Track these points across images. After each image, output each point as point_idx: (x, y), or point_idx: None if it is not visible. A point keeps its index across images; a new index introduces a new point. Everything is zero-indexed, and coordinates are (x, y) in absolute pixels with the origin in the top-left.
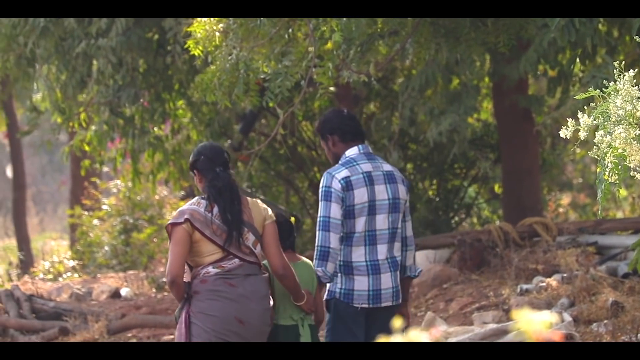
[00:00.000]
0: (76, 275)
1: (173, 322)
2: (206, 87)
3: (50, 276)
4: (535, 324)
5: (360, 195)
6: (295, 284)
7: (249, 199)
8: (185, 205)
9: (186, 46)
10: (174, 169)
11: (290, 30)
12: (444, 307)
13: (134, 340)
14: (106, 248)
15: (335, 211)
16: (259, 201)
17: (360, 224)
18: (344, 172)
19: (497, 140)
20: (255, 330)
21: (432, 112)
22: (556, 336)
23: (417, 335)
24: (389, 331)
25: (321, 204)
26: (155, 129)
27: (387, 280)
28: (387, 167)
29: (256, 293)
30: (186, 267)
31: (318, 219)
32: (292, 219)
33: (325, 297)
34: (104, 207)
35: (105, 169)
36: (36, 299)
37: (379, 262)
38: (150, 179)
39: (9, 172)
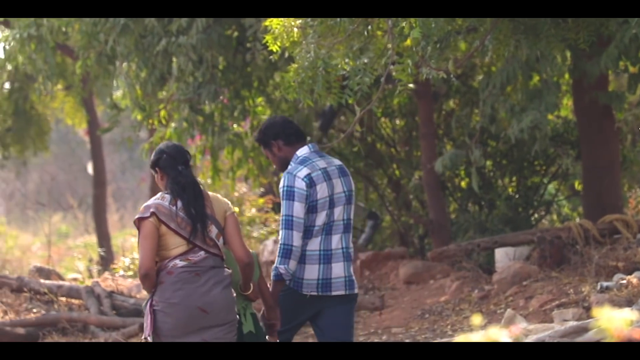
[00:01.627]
0: None
1: None
2: (288, 85)
3: (130, 273)
4: (615, 321)
5: (322, 191)
6: (253, 273)
7: (210, 193)
8: (150, 200)
9: (264, 41)
10: (253, 166)
11: (369, 27)
12: (524, 305)
13: None
14: None
15: (299, 210)
16: (219, 195)
17: (321, 218)
18: (304, 171)
19: (577, 137)
20: (220, 319)
21: (512, 109)
22: (637, 334)
23: (497, 332)
24: (340, 319)
25: (284, 203)
26: (235, 126)
27: (338, 270)
28: (337, 162)
29: (220, 284)
30: None
31: (281, 218)
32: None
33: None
34: None
35: None
36: (116, 295)
37: (332, 251)
38: (229, 176)
39: (89, 169)
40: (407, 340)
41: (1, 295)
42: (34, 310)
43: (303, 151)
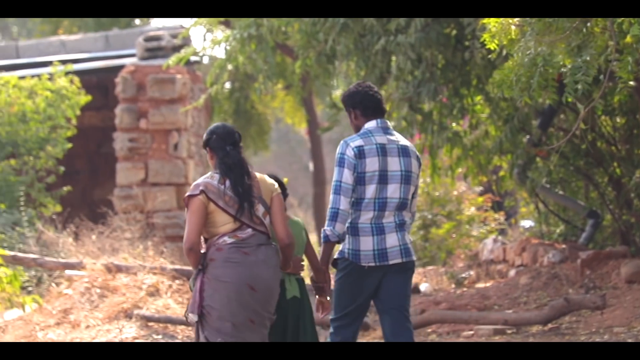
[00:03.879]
0: None
1: (473, 318)
2: (503, 82)
3: None
4: None
5: (371, 164)
6: (292, 253)
7: (257, 174)
8: (200, 179)
9: (482, 40)
10: (473, 164)
11: (587, 24)
12: None
13: (434, 337)
14: None
15: (347, 176)
16: (265, 176)
17: (370, 191)
18: (358, 142)
19: None
20: (266, 297)
21: None
22: None
23: None
24: (399, 289)
25: (335, 170)
26: (454, 124)
27: (392, 240)
28: (403, 142)
29: (267, 261)
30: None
31: (332, 184)
32: (285, 180)
33: (336, 255)
34: None
35: None
36: None
37: (383, 224)
38: (448, 174)
39: (311, 167)
40: (629, 340)
41: None
42: None
43: (370, 125)
